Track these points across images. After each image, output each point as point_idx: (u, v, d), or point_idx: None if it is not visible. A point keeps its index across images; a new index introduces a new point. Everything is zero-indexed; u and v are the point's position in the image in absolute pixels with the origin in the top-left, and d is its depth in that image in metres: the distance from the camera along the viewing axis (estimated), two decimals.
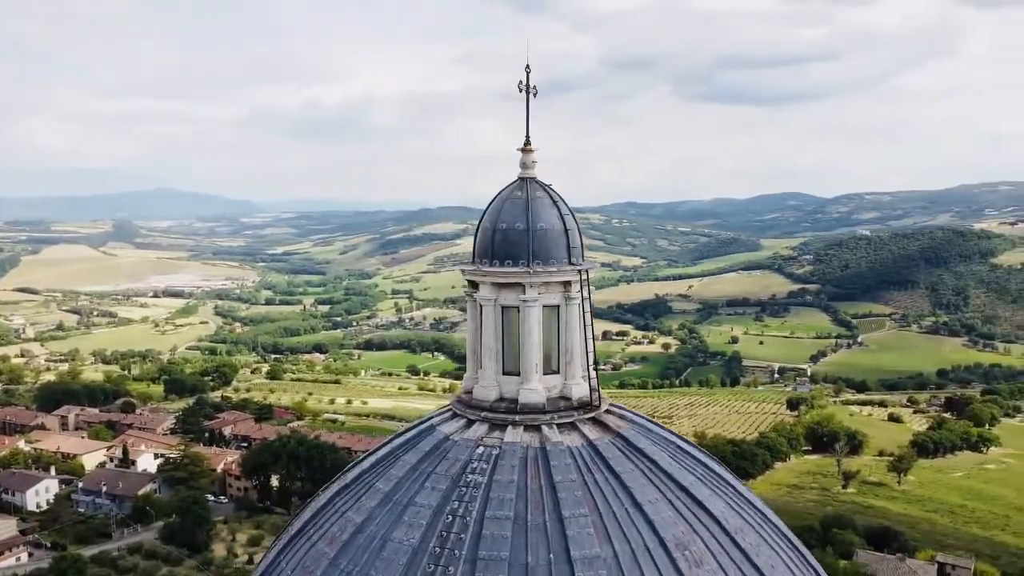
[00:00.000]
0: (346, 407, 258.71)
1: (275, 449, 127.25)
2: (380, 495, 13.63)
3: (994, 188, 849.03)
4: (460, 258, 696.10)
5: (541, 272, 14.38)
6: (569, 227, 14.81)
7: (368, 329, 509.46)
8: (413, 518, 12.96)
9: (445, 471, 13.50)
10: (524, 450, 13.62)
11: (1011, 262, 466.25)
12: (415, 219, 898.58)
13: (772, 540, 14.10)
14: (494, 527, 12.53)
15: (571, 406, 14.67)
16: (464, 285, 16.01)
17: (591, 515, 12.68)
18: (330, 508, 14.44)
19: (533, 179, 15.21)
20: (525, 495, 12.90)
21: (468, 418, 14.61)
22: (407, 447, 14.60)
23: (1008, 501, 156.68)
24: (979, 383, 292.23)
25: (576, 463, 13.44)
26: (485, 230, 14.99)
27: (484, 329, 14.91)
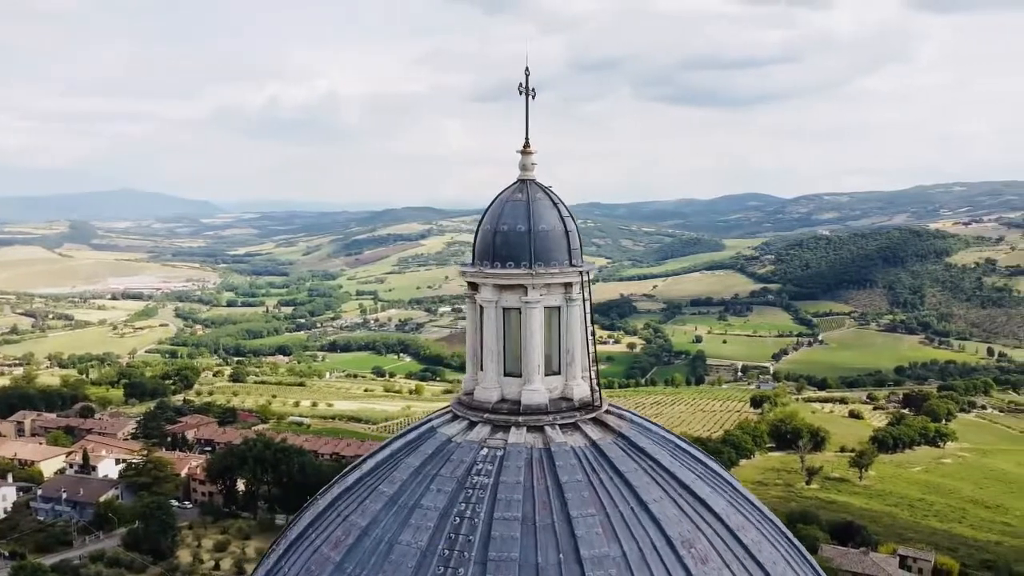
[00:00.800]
0: (311, 409, 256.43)
1: (241, 453, 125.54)
2: (384, 498, 13.58)
3: (948, 189, 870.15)
4: (425, 259, 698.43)
5: (544, 274, 14.44)
6: (570, 229, 14.90)
7: (332, 331, 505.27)
8: (420, 520, 12.95)
9: (450, 473, 13.50)
10: (529, 451, 13.68)
11: (964, 261, 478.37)
12: (379, 219, 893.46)
13: (771, 536, 14.35)
14: (503, 528, 12.57)
15: (573, 407, 14.75)
16: (464, 286, 15.98)
17: (598, 515, 12.78)
18: (332, 512, 14.34)
19: (533, 181, 15.27)
20: (532, 496, 12.96)
21: (470, 420, 14.60)
22: (408, 450, 14.56)
23: (965, 494, 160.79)
24: (935, 379, 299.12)
25: (581, 463, 13.54)
26: (486, 232, 15.00)
27: (485, 331, 14.91)
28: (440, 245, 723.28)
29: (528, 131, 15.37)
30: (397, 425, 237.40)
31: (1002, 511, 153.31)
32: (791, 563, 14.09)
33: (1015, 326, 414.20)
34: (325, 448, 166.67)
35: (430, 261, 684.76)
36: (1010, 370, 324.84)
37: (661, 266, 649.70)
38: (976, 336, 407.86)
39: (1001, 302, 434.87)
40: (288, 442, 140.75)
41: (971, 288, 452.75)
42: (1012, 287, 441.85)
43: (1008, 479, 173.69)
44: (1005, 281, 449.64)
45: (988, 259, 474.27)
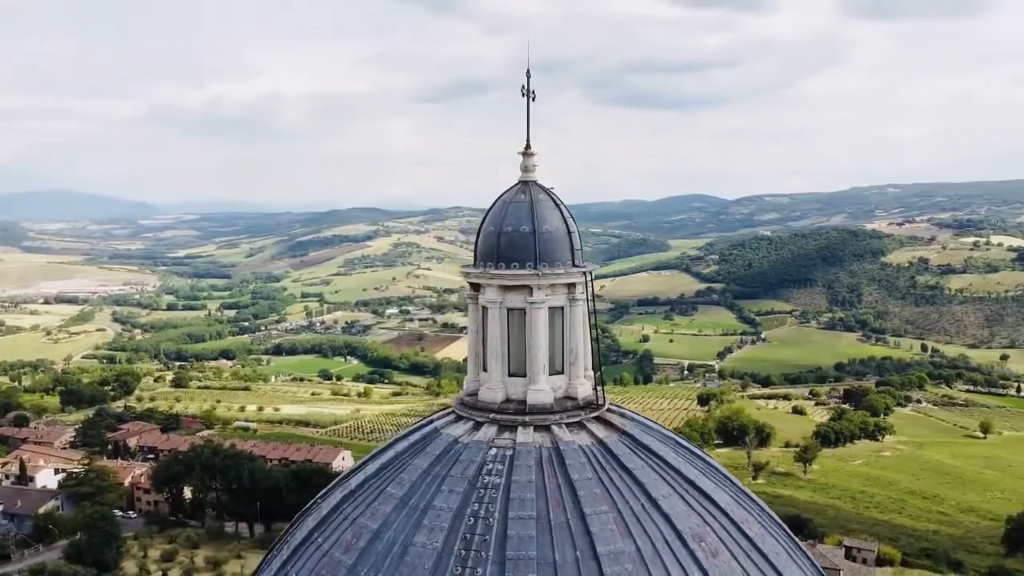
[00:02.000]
0: (257, 414, 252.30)
1: (188, 460, 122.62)
2: (394, 500, 13.52)
3: (883, 191, 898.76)
4: (371, 260, 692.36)
5: (549, 274, 14.55)
6: (572, 230, 15.07)
7: (277, 334, 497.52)
8: (433, 522, 12.93)
9: (460, 473, 13.51)
10: (538, 450, 13.78)
11: (899, 261, 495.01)
12: (324, 220, 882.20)
13: (772, 529, 14.74)
14: (518, 527, 12.64)
15: (578, 405, 14.90)
16: (465, 287, 15.98)
17: (611, 512, 12.95)
18: (338, 515, 14.20)
19: (534, 182, 15.38)
20: (544, 494, 13.06)
21: (475, 420, 14.63)
22: (414, 451, 14.52)
23: (903, 486, 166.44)
24: (873, 375, 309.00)
25: (590, 461, 13.70)
26: (489, 233, 15.05)
27: (489, 331, 14.96)
28: (387, 246, 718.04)
29: (529, 133, 15.47)
30: (346, 429, 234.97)
31: (938, 501, 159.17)
32: (792, 555, 14.51)
33: (946, 323, 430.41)
34: (274, 453, 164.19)
35: (377, 262, 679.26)
36: (942, 365, 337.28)
37: (608, 266, 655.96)
38: (910, 333, 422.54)
39: (933, 300, 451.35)
40: (236, 448, 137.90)
41: (905, 287, 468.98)
42: (943, 285, 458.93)
43: (943, 470, 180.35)
44: (937, 280, 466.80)
45: (921, 258, 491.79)
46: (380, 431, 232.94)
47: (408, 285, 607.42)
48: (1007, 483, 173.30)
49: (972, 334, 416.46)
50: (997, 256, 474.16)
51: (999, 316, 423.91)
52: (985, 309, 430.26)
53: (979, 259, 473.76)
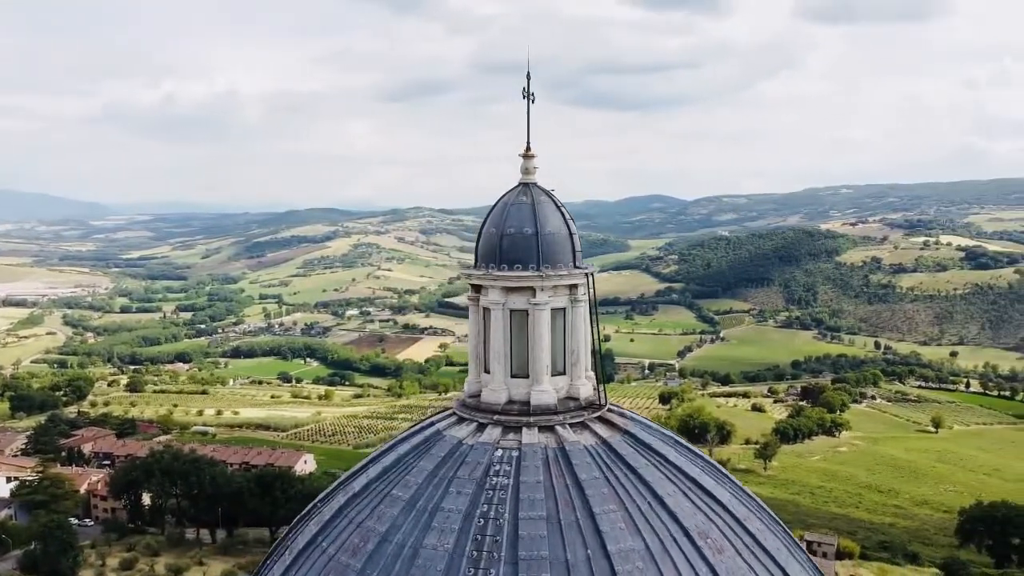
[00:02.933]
0: (216, 418, 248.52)
1: (147, 465, 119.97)
2: (401, 503, 13.47)
3: (836, 191, 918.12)
4: (331, 261, 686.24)
5: (553, 276, 14.64)
6: (573, 231, 15.16)
7: (235, 336, 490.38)
8: (443, 524, 12.93)
9: (468, 475, 13.52)
10: (544, 451, 13.85)
11: (853, 260, 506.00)
12: (282, 221, 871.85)
13: (771, 525, 15.01)
14: (529, 527, 12.70)
15: (580, 406, 15.01)
16: (467, 289, 15.96)
17: (619, 510, 13.08)
18: (341, 519, 14.09)
19: (535, 184, 15.44)
20: (553, 494, 13.14)
21: (479, 422, 14.64)
22: (417, 453, 14.48)
23: (860, 480, 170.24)
24: (829, 372, 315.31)
25: (595, 461, 13.81)
26: (491, 234, 15.06)
27: (492, 333, 14.98)
28: (346, 247, 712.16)
29: (529, 135, 15.53)
30: (308, 432, 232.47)
31: (893, 495, 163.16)
32: (791, 551, 14.80)
33: (898, 321, 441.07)
34: (234, 458, 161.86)
35: (336, 263, 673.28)
36: (895, 362, 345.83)
37: None
38: (864, 331, 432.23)
39: (886, 298, 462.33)
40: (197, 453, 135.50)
41: (859, 285, 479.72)
42: (895, 284, 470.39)
43: (897, 464, 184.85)
44: (889, 278, 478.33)
45: (874, 258, 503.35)
46: (342, 434, 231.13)
47: (368, 286, 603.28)
48: (958, 476, 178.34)
49: (923, 331, 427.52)
50: (946, 255, 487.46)
51: (948, 314, 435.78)
52: (935, 307, 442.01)
53: (929, 258, 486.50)
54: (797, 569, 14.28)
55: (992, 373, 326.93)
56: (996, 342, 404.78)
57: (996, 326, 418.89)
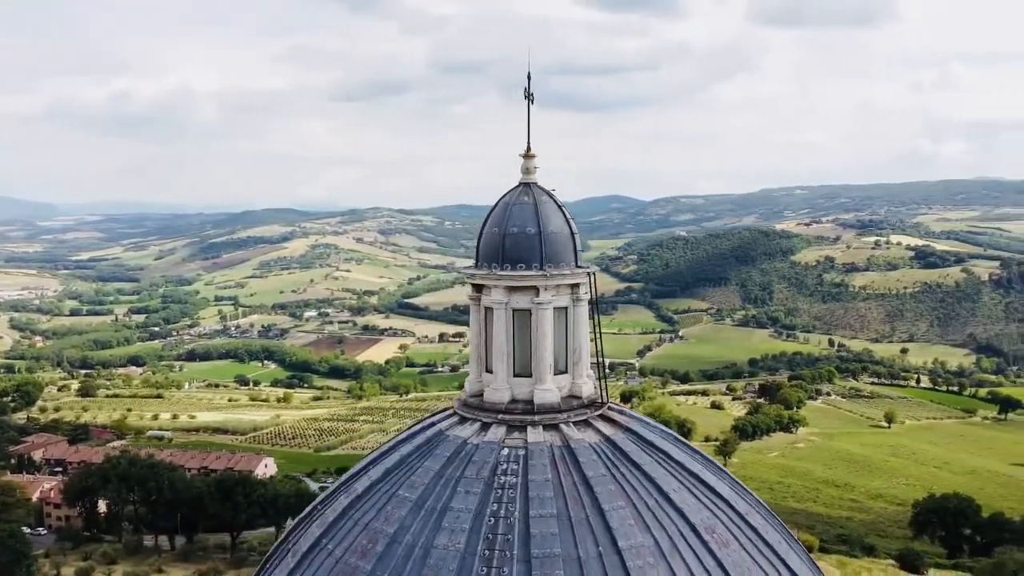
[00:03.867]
0: (172, 422, 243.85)
1: (103, 472, 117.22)
2: (409, 503, 13.42)
3: (791, 192, 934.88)
4: (288, 262, 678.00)
5: (556, 275, 14.72)
6: (574, 231, 15.27)
7: (190, 339, 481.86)
8: (453, 523, 12.92)
9: (475, 474, 13.53)
10: (550, 449, 13.93)
11: (807, 260, 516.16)
12: (238, 221, 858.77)
13: (770, 519, 15.30)
14: (540, 525, 12.76)
15: (583, 404, 15.11)
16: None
17: (627, 507, 13.22)
18: (346, 521, 13.97)
19: (535, 184, 15.51)
20: (562, 492, 13.23)
21: (482, 421, 14.65)
22: (422, 454, 14.44)
23: (817, 475, 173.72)
24: (785, 370, 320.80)
25: (601, 459, 13.92)
26: (494, 234, 15.08)
27: (495, 332, 15.01)
28: (304, 247, 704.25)
29: (529, 135, 15.59)
30: (267, 435, 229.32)
31: (849, 489, 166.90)
32: (790, 544, 15.10)
33: (851, 319, 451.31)
34: (192, 463, 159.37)
35: (293, 264, 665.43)
36: (848, 359, 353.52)
37: None
38: (818, 328, 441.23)
39: (839, 297, 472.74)
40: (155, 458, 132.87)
41: (813, 284, 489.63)
42: (848, 283, 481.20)
43: (853, 459, 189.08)
44: (842, 277, 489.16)
45: (827, 257, 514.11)
46: (303, 437, 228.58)
47: (327, 287, 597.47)
48: (911, 470, 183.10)
49: (875, 329, 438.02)
50: (896, 255, 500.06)
51: (899, 312, 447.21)
52: (886, 305, 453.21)
53: (880, 258, 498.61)
54: (797, 562, 14.60)
55: (941, 369, 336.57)
56: (944, 339, 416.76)
57: (944, 323, 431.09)
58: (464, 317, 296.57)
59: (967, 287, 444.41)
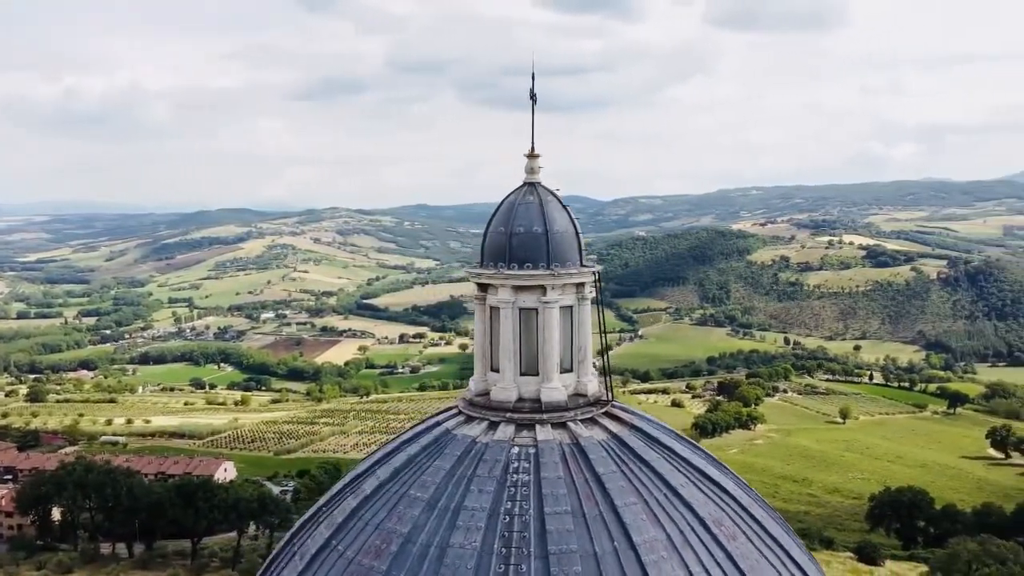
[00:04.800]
0: (126, 427, 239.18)
1: (58, 479, 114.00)
2: (421, 503, 13.43)
3: (746, 193, 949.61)
4: (244, 263, 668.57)
5: (564, 274, 14.86)
6: (578, 230, 15.44)
7: (143, 341, 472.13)
8: (468, 522, 12.97)
9: (487, 473, 13.58)
10: (560, 447, 14.06)
11: (763, 259, 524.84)
12: (192, 222, 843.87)
13: (770, 513, 15.63)
14: (556, 522, 12.88)
15: (589, 402, 15.28)
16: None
17: (639, 502, 13.41)
18: (356, 522, 13.90)
19: (539, 184, 15.62)
20: (575, 489, 13.36)
21: (490, 420, 14.71)
22: (430, 453, 14.44)
23: (775, 472, 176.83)
24: (742, 368, 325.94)
25: (610, 455, 14.09)
26: (499, 233, 15.16)
27: (502, 331, 15.07)
28: (260, 248, 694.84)
29: (534, 135, 15.70)
30: (226, 439, 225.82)
31: (807, 484, 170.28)
32: (791, 537, 15.45)
33: (806, 317, 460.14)
34: (149, 468, 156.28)
35: (250, 265, 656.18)
36: (803, 356, 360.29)
37: None
38: (774, 327, 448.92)
39: (794, 295, 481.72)
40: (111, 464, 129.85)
41: (769, 283, 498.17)
42: (802, 282, 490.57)
43: (809, 455, 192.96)
44: (797, 276, 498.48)
45: (782, 256, 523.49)
46: (262, 440, 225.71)
47: (284, 288, 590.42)
48: (865, 464, 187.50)
49: (829, 327, 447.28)
50: (849, 254, 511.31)
51: (852, 310, 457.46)
52: (839, 303, 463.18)
53: (833, 257, 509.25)
54: (799, 554, 14.95)
55: (892, 365, 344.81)
56: (895, 336, 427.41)
57: (895, 321, 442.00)
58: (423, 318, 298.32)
59: (916, 285, 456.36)
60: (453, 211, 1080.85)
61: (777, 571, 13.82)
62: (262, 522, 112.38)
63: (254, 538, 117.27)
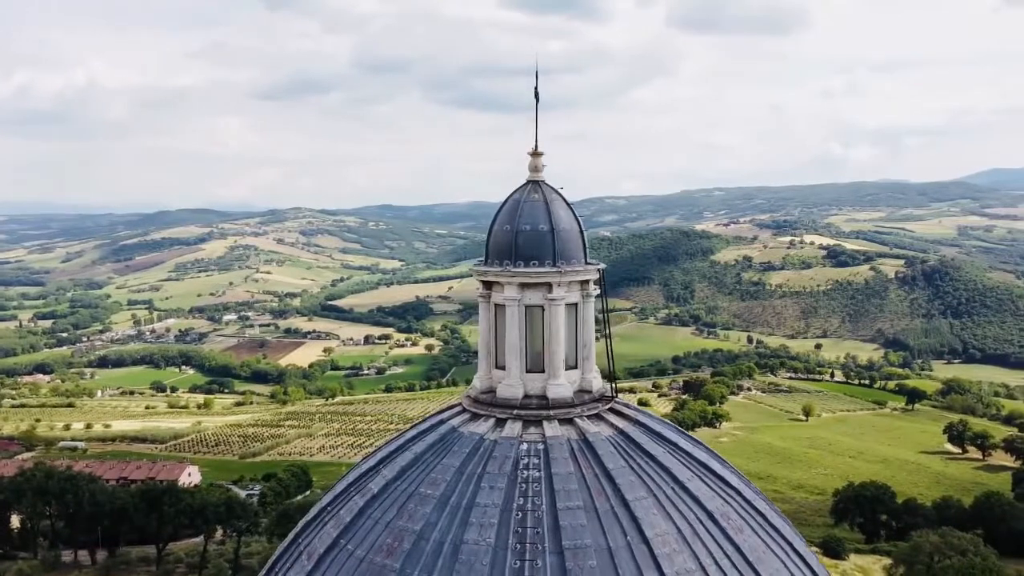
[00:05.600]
0: (86, 432, 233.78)
1: (17, 485, 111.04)
2: (432, 500, 13.42)
3: (709, 194, 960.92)
4: (206, 264, 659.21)
5: (570, 271, 14.97)
6: (582, 228, 15.56)
7: (102, 344, 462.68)
8: (481, 519, 12.99)
9: (497, 470, 13.61)
10: (568, 443, 14.15)
11: (726, 259, 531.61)
12: (152, 222, 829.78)
13: (772, 506, 15.89)
14: (569, 517, 12.97)
15: (594, 398, 15.41)
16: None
17: (648, 497, 13.55)
18: (365, 520, 13.82)
19: (543, 182, 15.70)
20: (585, 484, 13.46)
21: (497, 417, 14.75)
22: (437, 451, 14.43)
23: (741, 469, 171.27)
24: (707, 366, 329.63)
25: (617, 451, 14.21)
26: (506, 231, 15.19)
27: (508, 329, 15.14)
28: (222, 249, 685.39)
29: (537, 134, 15.77)
30: (189, 443, 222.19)
31: (772, 480, 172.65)
32: (792, 528, 15.71)
33: (768, 316, 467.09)
34: (110, 473, 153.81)
35: (211, 266, 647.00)
36: (766, 355, 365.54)
37: (455, 267, 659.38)
38: (738, 326, 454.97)
39: (757, 295, 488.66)
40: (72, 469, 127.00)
41: (732, 283, 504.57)
42: (765, 281, 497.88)
43: (773, 452, 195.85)
44: (759, 276, 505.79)
45: (745, 256, 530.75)
46: (226, 443, 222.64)
47: (247, 290, 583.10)
48: (828, 460, 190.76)
49: (790, 326, 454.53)
50: (810, 254, 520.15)
51: (813, 309, 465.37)
52: (801, 303, 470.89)
53: (795, 256, 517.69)
54: (801, 545, 15.24)
55: (852, 363, 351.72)
56: (855, 334, 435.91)
57: (855, 319, 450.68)
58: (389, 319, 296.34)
59: (875, 284, 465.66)
60: (418, 211, 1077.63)
61: (783, 563, 14.06)
62: (229, 526, 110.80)
63: (221, 543, 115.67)
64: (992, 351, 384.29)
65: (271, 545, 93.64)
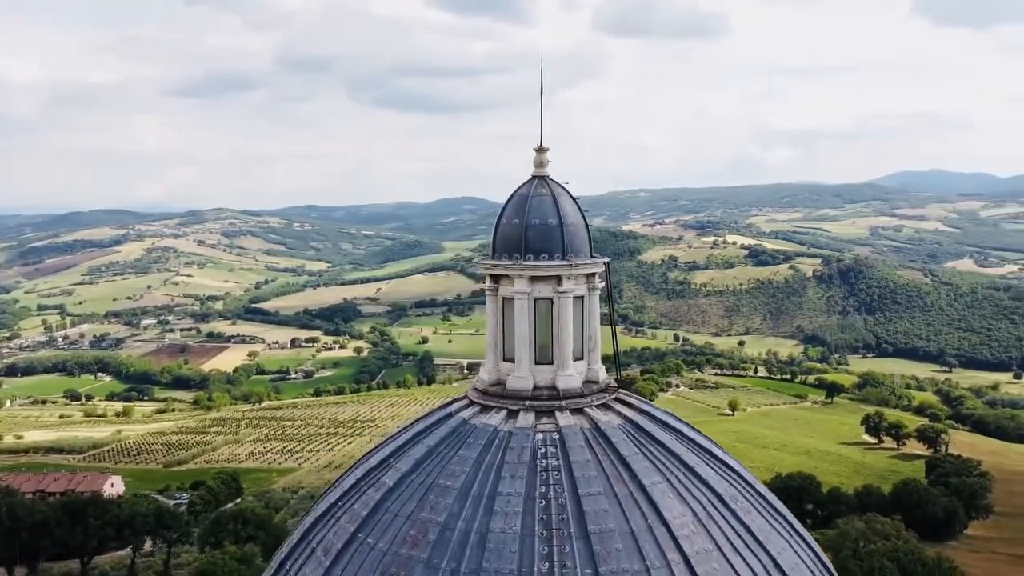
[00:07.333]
0: None
1: None
2: (452, 492, 13.52)
3: (635, 195, 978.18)
4: (122, 267, 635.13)
5: (579, 264, 15.27)
6: (588, 222, 15.88)
7: (10, 352, 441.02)
8: (505, 507, 13.15)
9: (516, 459, 13.79)
10: (582, 432, 14.44)
11: (653, 259, 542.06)
12: (63, 224, 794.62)
13: (771, 491, 16.52)
14: (591, 503, 13.27)
15: (601, 388, 15.78)
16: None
17: (663, 482, 13.97)
18: (384, 514, 13.77)
19: (549, 177, 15.94)
20: (603, 471, 13.78)
21: (508, 408, 14.93)
22: (451, 444, 14.52)
23: None
24: (636, 364, 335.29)
25: (629, 438, 14.59)
26: (514, 225, 15.38)
27: (517, 322, 15.36)
28: (139, 251, 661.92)
29: (542, 130, 16.02)
30: (109, 452, 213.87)
31: None
32: (788, 510, 16.36)
33: (694, 314, 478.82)
34: (27, 486, 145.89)
35: (128, 269, 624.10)
36: (693, 352, 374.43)
37: (383, 269, 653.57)
38: (664, 324, 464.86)
39: (682, 294, 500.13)
40: None
41: (659, 282, 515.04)
42: (690, 280, 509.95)
43: None
44: (684, 275, 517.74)
45: (671, 256, 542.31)
46: (149, 452, 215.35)
47: (166, 293, 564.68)
48: (755, 453, 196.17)
49: (715, 324, 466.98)
50: (732, 254, 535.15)
51: (736, 307, 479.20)
52: (724, 301, 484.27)
53: (718, 256, 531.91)
54: (799, 527, 15.90)
55: (774, 359, 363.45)
56: (776, 331, 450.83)
57: (775, 317, 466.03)
58: (316, 322, 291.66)
59: (794, 283, 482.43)
60: (344, 212, 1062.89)
61: (788, 542, 14.72)
62: (159, 537, 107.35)
63: (149, 554, 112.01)
64: (903, 345, 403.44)
65: (203, 555, 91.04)
